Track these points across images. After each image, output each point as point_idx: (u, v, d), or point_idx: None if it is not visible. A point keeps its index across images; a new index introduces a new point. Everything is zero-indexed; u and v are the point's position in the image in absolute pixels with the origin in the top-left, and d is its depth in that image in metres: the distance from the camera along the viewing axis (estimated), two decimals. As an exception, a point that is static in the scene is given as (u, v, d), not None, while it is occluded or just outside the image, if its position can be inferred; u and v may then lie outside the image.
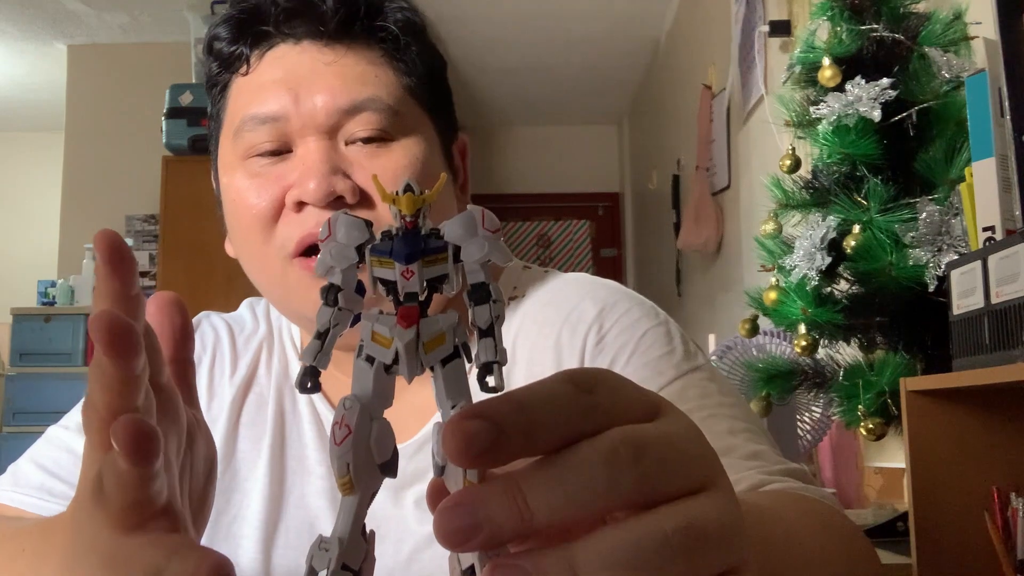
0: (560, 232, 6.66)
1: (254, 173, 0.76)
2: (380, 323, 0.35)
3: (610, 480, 0.30)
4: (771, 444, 0.74)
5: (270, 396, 0.84)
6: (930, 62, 1.36)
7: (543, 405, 0.31)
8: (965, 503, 1.07)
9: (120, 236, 0.40)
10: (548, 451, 0.31)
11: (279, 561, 0.78)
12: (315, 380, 0.36)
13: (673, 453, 0.32)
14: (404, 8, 0.80)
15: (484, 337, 0.35)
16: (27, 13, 4.80)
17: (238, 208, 0.77)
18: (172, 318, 0.46)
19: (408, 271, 0.34)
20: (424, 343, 0.34)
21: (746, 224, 3.17)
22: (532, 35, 4.94)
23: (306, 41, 0.76)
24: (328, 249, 0.36)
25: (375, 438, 0.34)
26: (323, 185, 0.72)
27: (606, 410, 0.32)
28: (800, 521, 0.57)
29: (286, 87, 0.75)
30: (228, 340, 0.87)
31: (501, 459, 0.30)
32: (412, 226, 0.35)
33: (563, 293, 0.83)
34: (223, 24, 0.79)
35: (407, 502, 0.77)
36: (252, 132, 0.75)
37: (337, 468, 0.33)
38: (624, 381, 0.34)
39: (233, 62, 0.78)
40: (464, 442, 0.29)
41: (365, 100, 0.75)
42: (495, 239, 0.36)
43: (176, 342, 0.46)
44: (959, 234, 1.27)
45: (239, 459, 0.82)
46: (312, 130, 0.74)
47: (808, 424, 1.77)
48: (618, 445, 0.31)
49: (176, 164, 3.80)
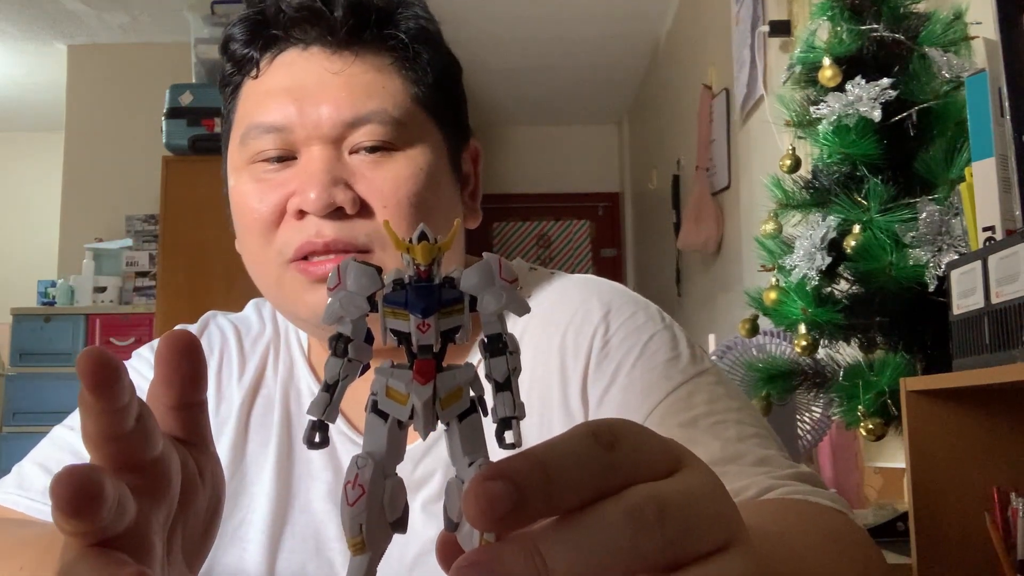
0: (560, 232, 6.66)
1: (258, 178, 0.77)
2: (395, 378, 0.34)
3: (633, 542, 0.29)
4: (779, 447, 0.74)
5: (276, 399, 0.84)
6: (930, 62, 1.36)
7: (565, 464, 0.30)
8: (965, 503, 1.07)
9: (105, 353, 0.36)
10: (569, 510, 0.30)
11: (284, 564, 0.78)
12: (324, 435, 0.35)
13: (697, 512, 0.31)
14: (418, 16, 0.79)
15: (501, 391, 0.34)
16: (27, 13, 4.80)
17: (242, 211, 0.78)
18: (181, 365, 0.43)
19: (424, 324, 0.33)
20: (441, 399, 0.33)
21: (746, 224, 3.17)
22: (532, 35, 4.94)
23: (315, 47, 0.76)
24: (338, 298, 0.35)
25: (388, 497, 0.33)
26: (323, 196, 0.72)
27: (628, 467, 0.31)
28: (807, 539, 0.56)
29: (291, 97, 0.75)
30: (235, 342, 0.87)
31: (523, 522, 0.29)
32: (426, 275, 0.34)
33: (568, 295, 0.83)
34: (239, 24, 0.79)
35: (414, 505, 0.77)
36: (257, 140, 0.76)
37: (349, 529, 0.33)
38: (646, 433, 0.33)
39: (244, 64, 0.79)
40: (486, 505, 0.29)
41: (369, 113, 0.75)
42: (512, 289, 0.35)
43: (185, 387, 0.43)
44: (959, 234, 1.27)
45: (248, 462, 0.82)
46: (316, 139, 0.75)
47: (808, 424, 1.77)
48: (641, 506, 0.30)
49: (176, 164, 3.79)
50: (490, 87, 5.68)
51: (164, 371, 0.43)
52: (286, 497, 0.80)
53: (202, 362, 0.44)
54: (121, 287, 4.56)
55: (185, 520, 0.44)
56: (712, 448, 0.69)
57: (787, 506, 0.63)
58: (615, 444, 0.31)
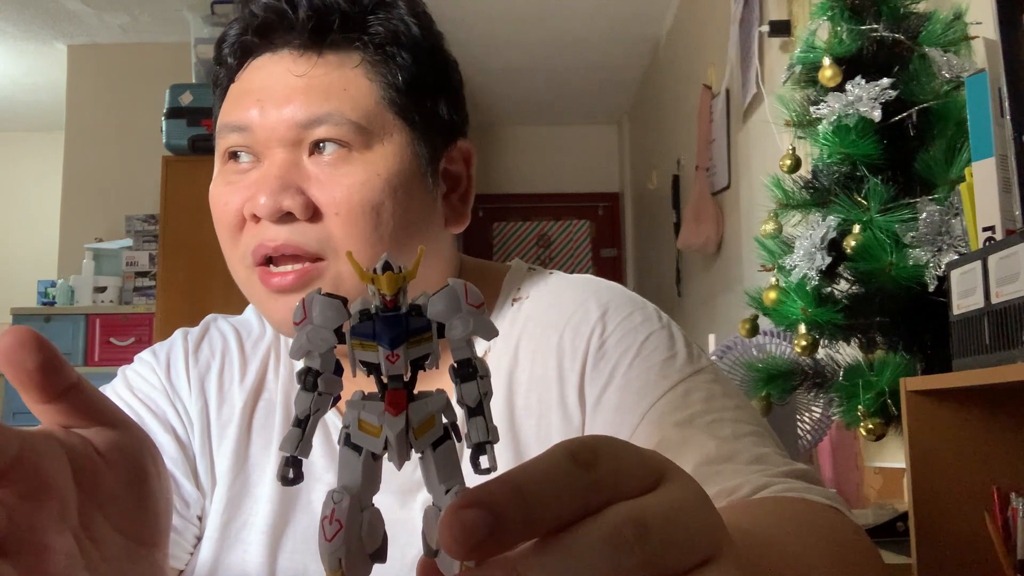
0: (560, 232, 6.66)
1: (228, 180, 0.78)
2: (367, 411, 0.34)
3: (614, 562, 0.29)
4: (776, 445, 0.74)
5: (278, 402, 0.84)
6: (930, 62, 1.36)
7: (542, 488, 0.29)
8: (965, 503, 1.07)
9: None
10: (549, 532, 0.30)
11: (285, 565, 0.79)
12: (298, 470, 0.35)
13: (678, 528, 0.31)
14: (400, 17, 0.78)
15: (473, 416, 0.34)
16: (27, 13, 4.80)
17: (216, 212, 0.79)
18: (25, 362, 0.41)
19: (394, 355, 0.33)
20: (414, 428, 0.33)
21: (746, 224, 3.17)
22: (532, 35, 4.94)
23: (284, 50, 0.77)
24: (304, 332, 0.35)
25: (366, 529, 0.33)
26: (270, 202, 0.73)
27: (608, 485, 0.31)
28: (800, 538, 0.56)
29: (255, 99, 0.76)
30: (236, 345, 0.87)
31: (500, 549, 0.29)
32: (392, 304, 0.34)
33: (566, 295, 0.83)
34: (231, 28, 0.80)
35: (415, 506, 0.77)
36: (225, 138, 0.77)
37: (328, 563, 0.33)
38: (626, 448, 0.33)
39: (228, 67, 0.80)
40: (462, 534, 0.28)
41: (325, 114, 0.74)
42: (479, 314, 0.35)
43: (43, 380, 0.42)
44: (959, 234, 1.27)
45: (250, 464, 0.82)
46: (276, 142, 0.75)
47: (808, 424, 1.77)
48: (621, 525, 0.30)
49: (176, 164, 3.80)
50: (490, 87, 5.68)
51: (14, 375, 0.42)
52: (288, 498, 0.80)
53: (48, 349, 0.42)
54: (121, 287, 4.56)
55: (100, 501, 0.43)
56: (707, 446, 0.69)
57: (781, 504, 0.63)
58: (594, 463, 0.31)
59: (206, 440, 0.82)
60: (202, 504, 0.81)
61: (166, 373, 0.84)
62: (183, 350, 0.86)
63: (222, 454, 0.82)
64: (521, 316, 0.83)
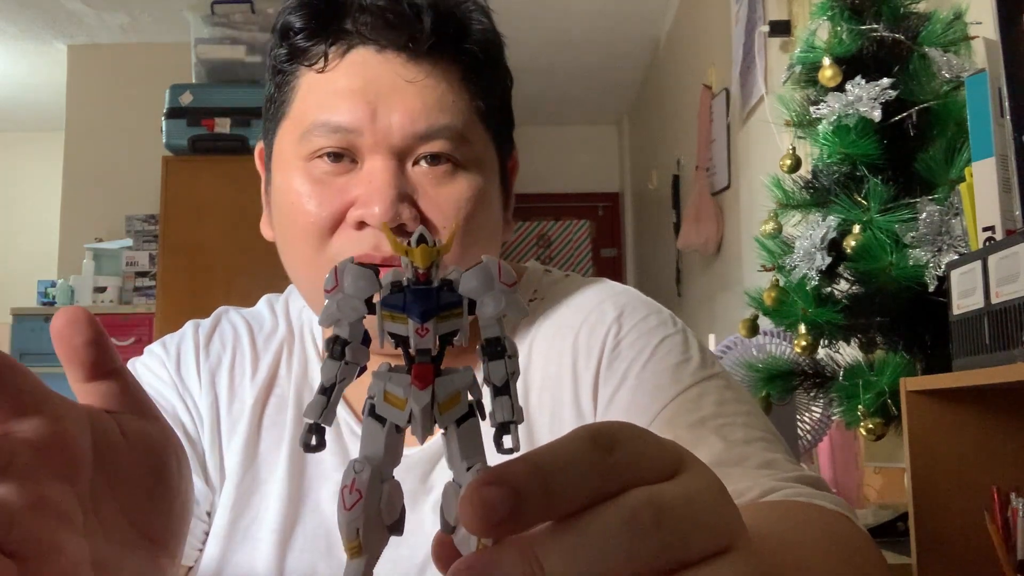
0: (560, 232, 6.66)
1: (316, 179, 0.75)
2: (393, 383, 0.34)
3: (631, 546, 0.29)
4: (786, 452, 0.74)
5: (290, 398, 0.83)
6: (930, 62, 1.36)
7: (563, 468, 0.30)
8: (965, 503, 1.07)
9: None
10: (567, 514, 0.30)
11: (294, 564, 0.78)
12: (320, 438, 0.35)
13: (695, 515, 0.31)
14: (485, 27, 0.78)
15: (499, 395, 0.34)
16: (27, 13, 4.80)
17: (295, 211, 0.76)
18: (74, 338, 0.42)
19: (423, 328, 0.33)
20: (439, 404, 0.33)
21: (746, 224, 3.17)
22: (532, 35, 4.94)
23: (391, 51, 0.74)
24: (335, 300, 0.35)
25: (385, 501, 0.33)
26: (388, 211, 0.71)
27: (627, 470, 0.31)
28: (809, 542, 0.56)
29: (364, 99, 0.73)
30: (248, 339, 0.86)
31: (520, 528, 0.29)
32: (424, 278, 0.34)
33: (582, 296, 0.84)
34: (298, 11, 0.76)
35: (426, 506, 0.77)
36: (321, 138, 0.74)
37: (346, 533, 0.33)
38: (645, 436, 0.33)
39: (307, 55, 0.76)
40: (483, 511, 0.29)
41: (441, 127, 0.73)
42: (511, 293, 0.35)
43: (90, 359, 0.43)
44: (959, 234, 1.27)
45: (260, 461, 0.81)
46: (384, 148, 0.73)
47: (808, 424, 1.77)
48: (639, 509, 0.30)
49: (176, 164, 3.79)
50: (490, 87, 5.68)
51: (63, 351, 0.42)
52: (298, 497, 0.80)
53: (96, 328, 0.43)
54: (121, 287, 4.56)
55: (114, 482, 0.42)
56: (717, 449, 0.69)
57: (789, 508, 0.63)
58: (614, 447, 0.31)
59: (216, 435, 0.81)
60: (211, 500, 0.81)
61: (176, 367, 0.83)
62: (194, 343, 0.85)
63: (232, 450, 0.81)
64: (536, 316, 0.83)
